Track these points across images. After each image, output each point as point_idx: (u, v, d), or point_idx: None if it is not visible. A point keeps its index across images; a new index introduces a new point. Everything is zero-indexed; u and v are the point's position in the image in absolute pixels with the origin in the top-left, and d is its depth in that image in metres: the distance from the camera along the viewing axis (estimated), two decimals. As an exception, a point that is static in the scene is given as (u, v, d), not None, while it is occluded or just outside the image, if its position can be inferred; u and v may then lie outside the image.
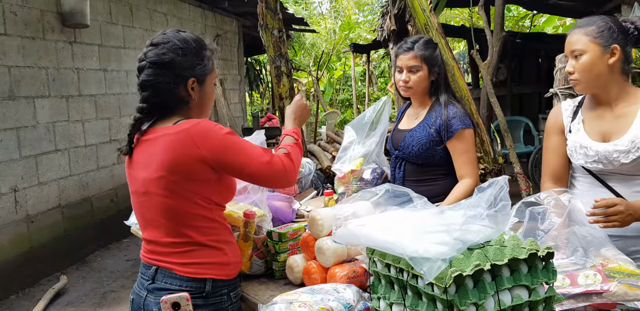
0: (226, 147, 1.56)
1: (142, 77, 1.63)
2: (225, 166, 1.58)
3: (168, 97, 1.63)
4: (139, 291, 1.68)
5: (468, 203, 1.39)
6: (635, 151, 1.76)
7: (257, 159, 1.59)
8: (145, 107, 1.63)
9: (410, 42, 2.31)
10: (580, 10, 9.01)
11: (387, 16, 7.64)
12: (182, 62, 1.62)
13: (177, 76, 1.62)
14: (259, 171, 1.60)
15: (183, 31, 1.69)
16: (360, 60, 16.23)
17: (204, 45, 1.68)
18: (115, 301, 4.37)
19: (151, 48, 1.64)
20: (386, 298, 1.44)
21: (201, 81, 1.67)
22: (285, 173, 1.65)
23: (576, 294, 1.44)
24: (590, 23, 1.83)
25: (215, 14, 8.90)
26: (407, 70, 2.30)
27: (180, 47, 1.63)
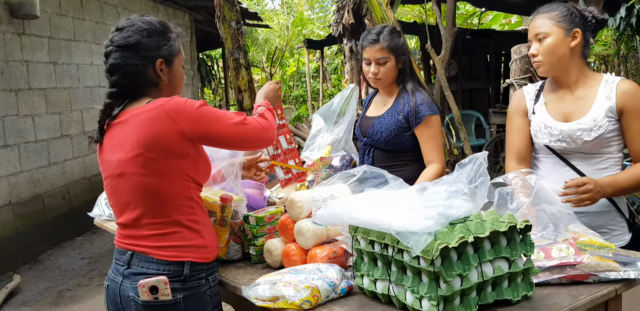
0: (202, 117, 1.56)
1: (109, 61, 1.63)
2: (205, 136, 1.59)
3: (137, 80, 1.63)
4: (114, 276, 1.65)
5: (449, 178, 1.42)
6: (597, 129, 1.84)
7: (232, 121, 1.61)
8: (115, 91, 1.62)
9: (375, 33, 2.32)
10: (527, 7, 9.31)
11: (342, 10, 7.69)
12: (148, 43, 1.63)
13: (145, 57, 1.62)
14: (237, 132, 1.62)
15: (147, 16, 1.70)
16: (313, 56, 16.27)
17: (168, 28, 1.70)
18: (72, 299, 4.25)
19: (116, 33, 1.64)
20: (370, 275, 1.47)
21: (169, 62, 1.67)
22: (262, 129, 1.69)
23: (551, 266, 1.50)
24: (554, 8, 1.91)
25: (167, 7, 8.73)
26: (375, 62, 2.32)
27: (145, 28, 1.64)
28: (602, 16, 1.94)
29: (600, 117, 1.86)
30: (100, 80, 6.53)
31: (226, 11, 4.91)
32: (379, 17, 5.16)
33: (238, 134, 1.63)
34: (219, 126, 1.59)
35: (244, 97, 5.13)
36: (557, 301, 1.41)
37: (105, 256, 5.31)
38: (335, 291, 1.48)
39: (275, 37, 16.78)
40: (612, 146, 1.90)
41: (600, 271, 1.48)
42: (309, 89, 14.66)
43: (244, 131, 1.63)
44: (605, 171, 1.91)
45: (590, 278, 1.49)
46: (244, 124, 1.63)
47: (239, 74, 5.09)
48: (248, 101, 5.10)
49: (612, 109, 1.86)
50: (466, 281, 1.30)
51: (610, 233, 1.94)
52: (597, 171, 1.92)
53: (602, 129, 1.85)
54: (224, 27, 4.95)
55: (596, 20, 1.94)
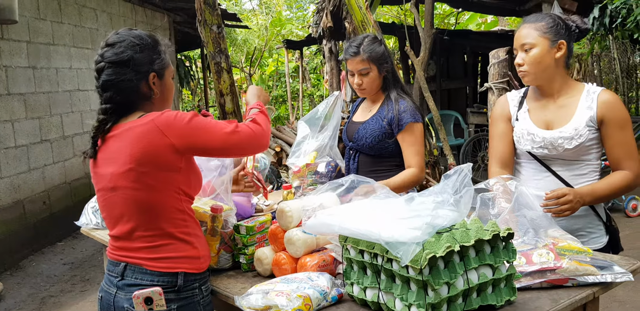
0: (192, 130, 1.58)
1: (102, 77, 1.63)
2: (197, 148, 1.61)
3: (131, 95, 1.65)
4: (108, 288, 1.67)
5: (436, 189, 1.47)
6: (578, 138, 1.92)
7: (223, 131, 1.63)
8: (109, 107, 1.63)
9: (355, 46, 2.38)
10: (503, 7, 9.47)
11: (322, 13, 7.73)
12: (140, 58, 1.64)
13: (138, 72, 1.64)
14: (229, 141, 1.64)
15: (135, 29, 1.72)
16: (292, 56, 16.28)
17: (158, 41, 1.72)
18: (56, 306, 4.23)
19: (107, 49, 1.65)
20: (360, 283, 1.51)
21: (161, 75, 1.70)
22: (255, 136, 1.70)
23: (532, 271, 1.56)
24: (540, 19, 1.97)
25: (145, 9, 8.68)
26: (358, 73, 2.38)
27: (137, 43, 1.65)
28: (584, 26, 2.00)
29: (581, 126, 1.93)
30: (79, 84, 6.48)
31: (207, 15, 4.91)
32: (359, 20, 5.21)
33: (230, 143, 1.64)
34: (211, 137, 1.61)
35: (226, 100, 5.13)
36: (539, 305, 1.47)
37: (87, 261, 5.29)
38: (326, 300, 1.53)
39: (254, 37, 16.74)
40: (591, 153, 1.98)
41: (578, 275, 1.55)
42: (289, 89, 14.68)
43: (236, 140, 1.65)
44: (584, 177, 1.99)
45: (570, 282, 1.56)
46: (236, 132, 1.65)
47: (221, 77, 5.09)
48: (230, 105, 5.11)
49: (592, 118, 1.93)
50: (453, 289, 1.36)
51: (588, 235, 2.02)
52: (576, 177, 1.99)
53: (583, 137, 1.92)
54: (205, 31, 4.95)
55: (579, 29, 2.00)
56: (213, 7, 4.91)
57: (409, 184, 2.35)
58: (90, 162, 1.71)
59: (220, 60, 5.00)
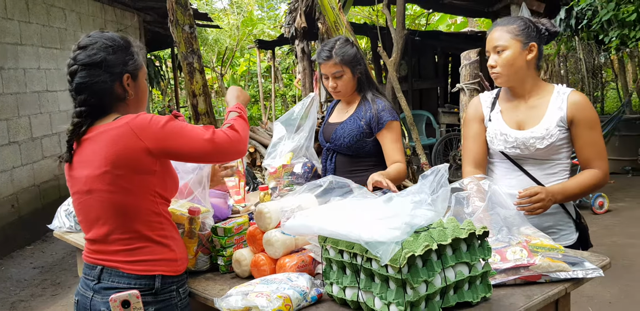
0: (167, 134, 1.57)
1: (76, 80, 1.62)
2: (171, 152, 1.60)
3: (105, 97, 1.64)
4: (84, 291, 1.65)
5: (413, 189, 1.50)
6: (549, 138, 1.97)
7: (200, 137, 1.61)
8: (84, 110, 1.61)
9: (327, 50, 2.40)
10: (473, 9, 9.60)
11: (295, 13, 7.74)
12: (113, 59, 1.64)
13: (112, 73, 1.63)
14: (205, 148, 1.62)
15: (107, 31, 1.71)
16: (264, 56, 16.24)
17: (130, 42, 1.71)
18: (26, 310, 4.15)
19: (80, 51, 1.64)
20: (339, 283, 1.53)
21: (135, 76, 1.69)
22: (232, 143, 1.68)
23: (506, 268, 1.60)
24: (512, 22, 2.02)
25: (115, 8, 8.56)
26: (332, 77, 2.41)
27: (109, 45, 1.64)
28: (554, 29, 2.06)
29: (552, 126, 1.98)
30: (48, 84, 6.36)
31: (179, 15, 4.87)
32: (332, 20, 5.23)
33: (206, 149, 1.63)
34: (186, 142, 1.60)
35: (199, 101, 5.10)
36: (513, 301, 1.51)
37: (57, 265, 5.20)
38: (306, 300, 1.54)
39: (225, 37, 16.65)
40: (562, 153, 2.03)
41: (551, 271, 1.59)
42: (261, 89, 14.63)
43: (212, 146, 1.63)
44: (554, 175, 2.04)
45: (542, 278, 1.60)
46: (213, 139, 1.63)
47: (193, 78, 5.05)
48: (203, 105, 5.08)
49: (563, 119, 1.99)
50: (431, 287, 1.38)
51: (559, 232, 2.08)
52: (548, 175, 2.05)
53: (554, 137, 1.98)
54: (177, 31, 4.91)
55: (549, 32, 2.06)
56: (185, 7, 4.88)
57: (401, 177, 2.38)
58: (65, 166, 1.69)
59: (193, 60, 4.97)
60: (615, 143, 7.55)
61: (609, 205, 6.02)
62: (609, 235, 5.12)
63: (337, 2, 5.29)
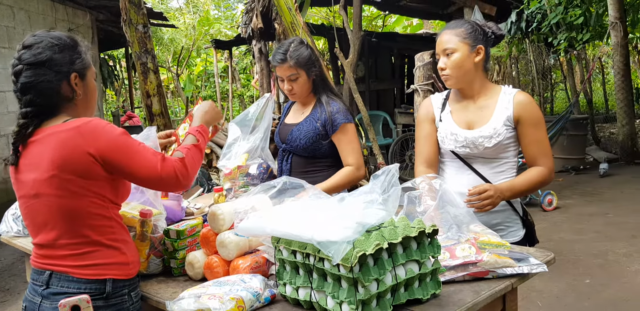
0: (116, 148, 1.54)
1: (21, 80, 1.58)
2: (114, 167, 1.55)
3: (52, 97, 1.60)
4: (32, 297, 1.61)
5: (365, 189, 1.52)
6: (497, 137, 2.04)
7: (147, 163, 1.56)
8: (30, 110, 1.57)
9: (282, 52, 2.40)
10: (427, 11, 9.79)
11: (251, 13, 7.70)
12: (60, 58, 1.60)
13: (58, 72, 1.59)
14: (149, 177, 1.58)
15: (53, 30, 1.68)
16: (222, 56, 16.10)
17: (77, 41, 1.67)
18: (-26, 319, 4.01)
19: (24, 51, 1.60)
20: (292, 283, 1.54)
21: (82, 76, 1.65)
22: (177, 180, 1.61)
23: (456, 265, 1.64)
24: (460, 25, 2.08)
25: (66, 7, 8.34)
26: (288, 79, 2.42)
27: (55, 44, 1.61)
28: (500, 32, 2.13)
29: (499, 125, 2.05)
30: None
31: (132, 14, 4.79)
32: (289, 21, 5.24)
33: (147, 176, 1.57)
34: (132, 163, 1.55)
35: (153, 101, 5.02)
36: (462, 297, 1.55)
37: (6, 270, 5.03)
38: (259, 301, 1.54)
39: (181, 36, 16.42)
40: (509, 151, 2.10)
41: (498, 267, 1.64)
42: (218, 90, 14.51)
43: (156, 178, 1.58)
44: (502, 173, 2.11)
45: (490, 274, 1.65)
46: (159, 171, 1.57)
47: (147, 78, 4.98)
48: (157, 106, 5.01)
49: (509, 118, 2.06)
50: (382, 285, 1.41)
51: (507, 229, 2.14)
52: (496, 174, 2.11)
53: (501, 136, 2.04)
54: (131, 31, 4.83)
55: (495, 35, 2.13)
56: (138, 6, 4.80)
57: (346, 182, 2.39)
58: (10, 168, 1.64)
59: (147, 60, 4.89)
60: (564, 142, 7.81)
61: (557, 202, 6.22)
62: (557, 231, 5.29)
63: (294, 2, 5.30)
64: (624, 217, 5.71)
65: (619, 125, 8.90)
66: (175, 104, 18.33)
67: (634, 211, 5.93)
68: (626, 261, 4.44)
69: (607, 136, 11.43)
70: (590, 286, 3.95)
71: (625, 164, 8.55)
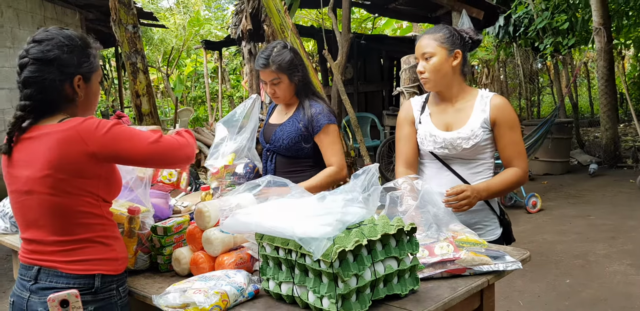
0: (115, 139, 1.58)
1: (24, 73, 1.60)
2: (117, 156, 1.60)
3: (53, 95, 1.62)
4: (20, 292, 1.64)
5: (345, 188, 1.57)
6: (474, 138, 2.10)
7: (146, 140, 1.62)
8: (28, 104, 1.59)
9: (264, 57, 2.44)
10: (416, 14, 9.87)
11: (241, 14, 7.74)
12: (67, 59, 1.61)
13: (63, 73, 1.61)
14: (151, 151, 1.63)
15: (66, 29, 1.68)
16: (211, 57, 16.10)
17: (88, 43, 1.69)
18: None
19: (34, 45, 1.61)
20: (275, 278, 1.59)
21: (87, 79, 1.67)
22: (179, 146, 1.69)
23: (434, 263, 1.70)
24: (438, 30, 2.14)
25: (55, 5, 8.32)
26: (270, 83, 2.47)
27: (65, 44, 1.62)
28: (477, 37, 2.20)
29: (476, 127, 2.12)
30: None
31: (122, 14, 4.81)
32: (278, 23, 5.29)
33: (153, 152, 1.63)
34: (133, 146, 1.60)
35: (142, 101, 5.05)
36: (440, 293, 1.61)
37: (-7, 268, 5.03)
38: (243, 295, 1.59)
39: (171, 37, 16.41)
40: (486, 152, 2.17)
41: (475, 265, 1.70)
42: (208, 90, 14.52)
43: (159, 149, 1.64)
44: (480, 174, 2.18)
45: (467, 272, 1.71)
46: (159, 141, 1.64)
47: (137, 78, 5.00)
48: (147, 106, 5.04)
49: (486, 120, 2.12)
50: (361, 280, 1.46)
51: (485, 228, 2.21)
52: (473, 174, 2.18)
53: (478, 138, 2.11)
54: (120, 31, 4.85)
55: (472, 40, 2.19)
56: (128, 6, 4.82)
57: (328, 182, 2.45)
58: (3, 160, 1.66)
59: (136, 60, 4.92)
60: (548, 145, 7.92)
61: (541, 205, 6.32)
62: (540, 233, 5.38)
63: (283, 4, 5.35)
64: (605, 219, 5.82)
65: (602, 129, 9.04)
66: (165, 104, 18.29)
67: (614, 213, 6.05)
68: (605, 261, 4.53)
69: (591, 140, 11.59)
70: (570, 286, 4.04)
71: (607, 168, 8.69)
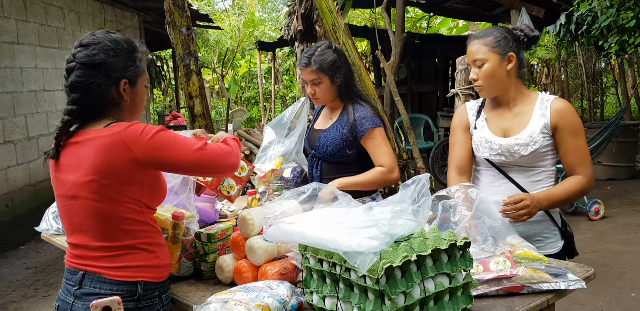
0: (159, 145, 1.55)
1: (71, 78, 1.59)
2: (161, 163, 1.58)
3: (99, 99, 1.61)
4: (65, 297, 1.64)
5: (394, 199, 1.49)
6: (533, 144, 1.97)
7: (191, 148, 1.59)
8: (75, 109, 1.59)
9: (307, 56, 2.38)
10: (473, 13, 9.60)
11: (293, 15, 7.72)
12: (113, 63, 1.60)
13: (109, 77, 1.60)
14: (196, 158, 1.60)
15: (113, 32, 1.67)
16: (265, 57, 16.24)
17: (135, 47, 1.67)
18: (18, 311, 4.15)
19: (80, 49, 1.61)
20: (319, 292, 1.52)
21: (133, 83, 1.66)
22: (223, 154, 1.65)
23: (489, 279, 1.59)
24: (488, 34, 2.01)
25: (114, 8, 8.57)
26: (311, 83, 2.40)
27: (112, 48, 1.61)
28: (532, 34, 2.06)
29: (536, 133, 1.98)
30: (45, 84, 6.36)
31: (176, 17, 4.86)
32: (330, 23, 5.22)
33: (197, 160, 1.60)
34: (177, 153, 1.57)
35: (195, 103, 5.09)
36: (494, 312, 1.50)
37: (51, 265, 5.19)
38: (286, 308, 1.53)
39: (226, 38, 16.64)
40: (546, 159, 2.03)
41: (533, 282, 1.58)
42: (261, 91, 14.63)
43: (203, 157, 1.61)
44: (539, 183, 2.04)
45: (525, 290, 1.59)
46: (203, 149, 1.61)
47: (190, 80, 5.04)
48: (199, 107, 5.07)
49: (546, 125, 1.99)
50: (409, 298, 1.37)
51: (545, 240, 2.07)
52: (533, 183, 2.04)
53: (538, 144, 1.98)
54: (175, 33, 4.90)
55: (528, 38, 2.06)
56: (182, 8, 4.87)
57: (377, 181, 2.36)
58: (51, 164, 1.66)
59: (190, 62, 4.96)
60: (613, 149, 7.53)
61: (604, 212, 6.00)
62: (603, 242, 5.10)
63: (335, 4, 5.28)
64: (676, 229, 5.47)
65: (672, 132, 8.52)
66: (220, 104, 18.59)
67: (686, 223, 5.67)
68: (676, 275, 4.24)
69: (660, 143, 10.97)
70: (635, 300, 3.79)
71: (678, 173, 8.19)
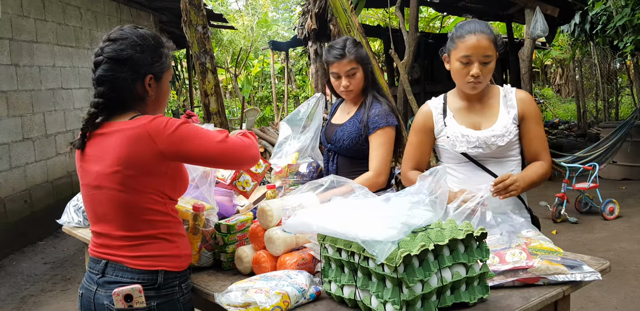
0: (182, 137, 1.59)
1: (98, 72, 1.63)
2: (185, 155, 1.61)
3: (124, 93, 1.65)
4: (88, 285, 1.68)
5: (412, 190, 1.51)
6: (509, 135, 2.03)
7: (213, 140, 1.63)
8: (101, 102, 1.63)
9: (339, 48, 2.39)
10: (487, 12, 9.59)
11: (307, 15, 7.77)
12: (140, 58, 1.64)
13: (135, 72, 1.64)
14: (218, 150, 1.63)
15: (141, 27, 1.70)
16: (278, 57, 16.30)
17: (161, 43, 1.70)
18: (36, 305, 4.21)
19: (108, 43, 1.64)
20: (337, 281, 1.55)
21: (158, 78, 1.69)
22: (245, 146, 1.69)
23: (505, 270, 1.61)
24: (490, 30, 2.02)
25: (130, 8, 8.66)
26: (345, 75, 2.39)
27: (139, 43, 1.64)
28: None
29: (509, 123, 2.05)
30: (63, 82, 6.45)
31: (192, 15, 4.92)
32: (344, 23, 5.26)
33: (219, 152, 1.64)
34: (200, 145, 1.61)
35: (210, 101, 5.15)
36: (510, 302, 1.52)
37: (68, 260, 5.26)
38: (305, 297, 1.56)
39: (240, 38, 16.74)
40: (514, 149, 2.10)
41: (549, 274, 1.60)
42: (274, 90, 14.70)
43: (225, 149, 1.64)
44: (513, 172, 2.07)
45: (541, 281, 1.61)
46: (226, 141, 1.64)
47: (206, 78, 5.10)
48: (214, 105, 5.13)
49: (515, 116, 2.05)
50: (427, 286, 1.40)
51: None
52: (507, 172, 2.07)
53: (512, 134, 2.04)
54: (190, 32, 4.97)
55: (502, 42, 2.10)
56: (198, 7, 4.93)
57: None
58: (77, 154, 1.71)
59: (205, 60, 5.02)
60: (627, 149, 7.49)
61: (619, 211, 5.97)
62: (617, 241, 5.08)
63: (349, 4, 5.32)
64: (691, 228, 5.43)
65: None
66: (233, 104, 18.69)
67: (703, 223, 5.62)
68: (692, 274, 4.22)
69: (676, 144, 10.86)
70: (651, 300, 3.78)
71: (694, 173, 8.11)
